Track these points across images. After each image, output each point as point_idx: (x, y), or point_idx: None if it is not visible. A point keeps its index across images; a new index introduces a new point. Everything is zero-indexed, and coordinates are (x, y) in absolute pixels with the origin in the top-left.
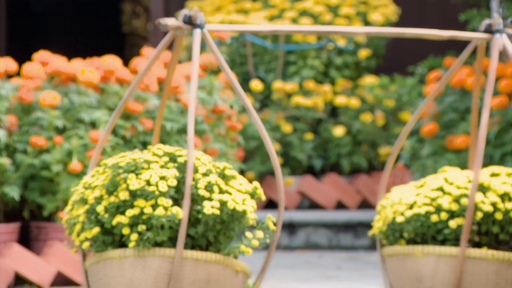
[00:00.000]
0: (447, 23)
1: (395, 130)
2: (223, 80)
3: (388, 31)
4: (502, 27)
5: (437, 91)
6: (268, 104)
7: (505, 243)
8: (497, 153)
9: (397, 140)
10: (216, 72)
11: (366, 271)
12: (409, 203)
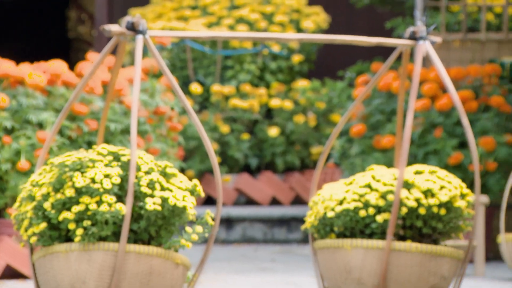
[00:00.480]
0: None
1: (326, 130)
2: (164, 84)
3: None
4: (425, 34)
5: (365, 94)
6: (207, 106)
7: (428, 236)
8: (420, 152)
9: (328, 140)
10: (157, 76)
11: (299, 263)
12: (339, 199)
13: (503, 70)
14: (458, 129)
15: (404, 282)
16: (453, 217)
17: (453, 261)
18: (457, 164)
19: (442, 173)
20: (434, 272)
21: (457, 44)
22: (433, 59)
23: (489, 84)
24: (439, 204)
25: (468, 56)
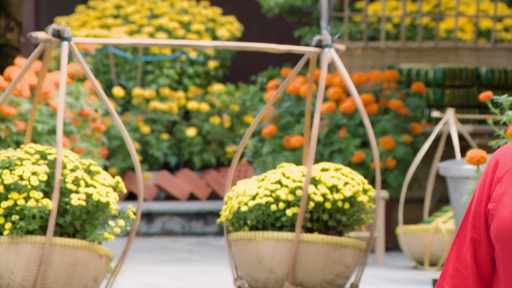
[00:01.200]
0: (283, 39)
1: (239, 131)
2: (88, 87)
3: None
4: (331, 43)
5: (275, 97)
6: (128, 108)
7: (333, 228)
8: (326, 151)
9: (242, 140)
10: (82, 80)
11: (215, 254)
12: (252, 195)
13: (401, 76)
14: (360, 130)
15: (311, 270)
16: (356, 210)
17: (356, 251)
18: (360, 162)
19: (346, 170)
20: (339, 261)
21: (359, 51)
22: (338, 65)
23: (388, 88)
24: (343, 198)
25: (369, 63)
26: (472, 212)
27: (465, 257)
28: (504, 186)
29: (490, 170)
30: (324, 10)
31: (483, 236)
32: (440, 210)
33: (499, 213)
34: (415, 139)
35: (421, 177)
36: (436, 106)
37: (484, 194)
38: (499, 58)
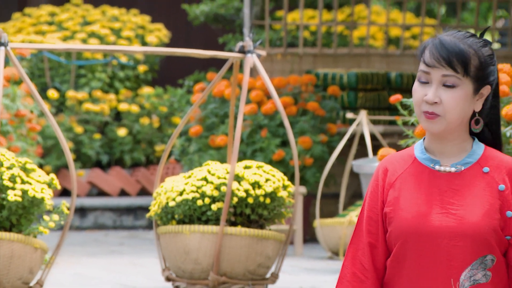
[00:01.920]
0: (209, 45)
1: (168, 131)
2: (24, 89)
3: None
4: (253, 49)
5: (201, 99)
6: (63, 110)
7: (255, 222)
8: (249, 149)
9: (170, 139)
10: (18, 83)
11: (144, 247)
12: (179, 191)
13: (318, 80)
14: (280, 130)
15: (234, 261)
16: (277, 205)
17: (277, 243)
18: (280, 160)
19: (267, 168)
20: (260, 252)
21: (279, 57)
22: (259, 69)
23: (306, 91)
24: (265, 194)
25: (289, 68)
26: (365, 218)
27: (361, 261)
28: (398, 191)
29: (380, 177)
30: (246, 18)
31: (380, 240)
32: (353, 205)
33: (397, 215)
34: (331, 139)
35: (336, 174)
36: (350, 108)
37: (377, 201)
38: (408, 64)
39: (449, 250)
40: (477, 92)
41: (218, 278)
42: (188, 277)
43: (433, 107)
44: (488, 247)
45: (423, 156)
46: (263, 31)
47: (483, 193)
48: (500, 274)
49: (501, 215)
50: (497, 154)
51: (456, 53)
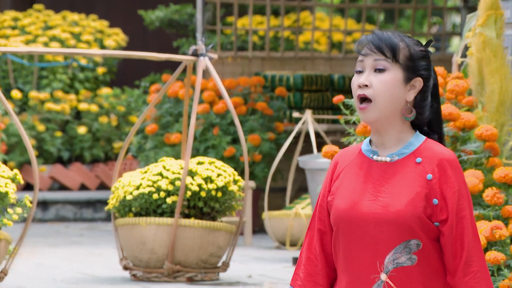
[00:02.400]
0: (164, 48)
1: (125, 129)
2: None
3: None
4: (205, 52)
5: (156, 99)
6: (26, 109)
7: (207, 214)
8: (202, 146)
9: (127, 137)
10: None
11: (103, 238)
12: (136, 185)
13: (266, 81)
14: (231, 128)
15: (188, 251)
16: (228, 198)
17: (228, 233)
18: (231, 156)
19: (219, 164)
20: (212, 243)
21: (230, 60)
22: (211, 71)
23: (255, 92)
24: (217, 188)
25: (239, 70)
26: (318, 206)
27: (315, 246)
28: (340, 180)
29: (331, 169)
30: (199, 23)
31: (328, 226)
32: (299, 198)
33: (335, 203)
34: (278, 136)
35: (283, 169)
36: (296, 108)
37: (326, 190)
38: (349, 67)
39: (375, 235)
40: (408, 82)
41: (172, 267)
42: (145, 266)
43: (364, 90)
44: (412, 233)
45: (366, 148)
46: (215, 36)
47: (412, 182)
48: (430, 258)
49: (427, 203)
50: (435, 146)
51: (385, 40)
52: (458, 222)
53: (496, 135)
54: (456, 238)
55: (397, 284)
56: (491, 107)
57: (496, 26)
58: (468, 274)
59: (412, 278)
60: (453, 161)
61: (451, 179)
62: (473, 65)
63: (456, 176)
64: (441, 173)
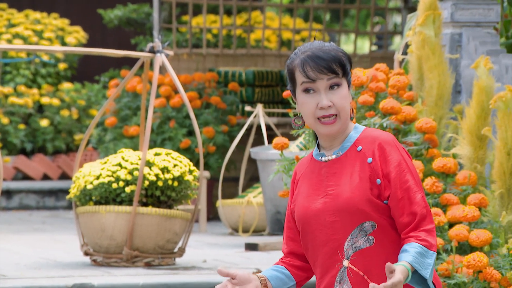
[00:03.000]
0: (122, 45)
1: (86, 122)
2: None
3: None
4: (161, 49)
5: (115, 94)
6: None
7: (164, 202)
8: (159, 138)
9: (88, 129)
10: None
11: (65, 225)
12: (96, 175)
13: (220, 77)
14: (187, 121)
15: (146, 237)
16: (183, 188)
17: (183, 221)
18: (186, 148)
19: (175, 155)
20: (169, 229)
21: (185, 56)
22: (167, 67)
23: (209, 87)
24: (173, 178)
25: (194, 66)
26: (286, 216)
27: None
28: (298, 188)
29: (292, 180)
30: (155, 22)
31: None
32: (251, 187)
33: (296, 209)
34: (231, 129)
35: (236, 160)
36: (248, 102)
37: (290, 200)
38: None
39: (331, 226)
40: (350, 86)
41: (131, 252)
42: (104, 251)
43: (328, 110)
44: (364, 216)
45: (316, 153)
46: (171, 34)
47: (356, 169)
48: (387, 236)
49: (373, 184)
50: (373, 132)
51: (333, 60)
52: (404, 193)
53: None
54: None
55: (359, 267)
56: (430, 101)
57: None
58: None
59: (373, 258)
60: (390, 141)
61: (389, 157)
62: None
63: (395, 153)
64: (380, 153)
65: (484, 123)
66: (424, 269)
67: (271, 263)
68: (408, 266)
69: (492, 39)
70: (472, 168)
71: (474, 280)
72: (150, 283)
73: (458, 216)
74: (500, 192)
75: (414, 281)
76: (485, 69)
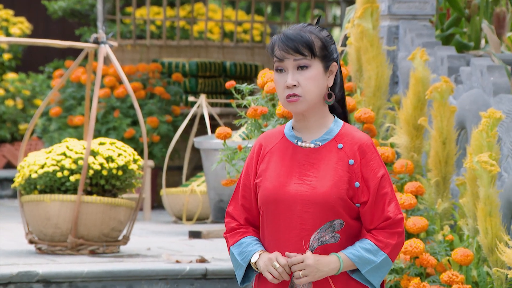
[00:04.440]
0: (66, 36)
1: (30, 112)
2: None
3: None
4: (106, 40)
5: (60, 84)
6: None
7: (109, 191)
8: (103, 128)
9: (32, 119)
10: None
11: (9, 213)
12: (41, 164)
13: (163, 68)
14: (131, 111)
15: (91, 225)
16: (128, 176)
17: (128, 209)
18: (131, 137)
19: (120, 144)
20: (113, 218)
21: (129, 47)
22: (112, 58)
23: (153, 78)
24: (117, 167)
25: (138, 57)
26: (241, 185)
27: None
28: (266, 163)
29: (255, 152)
30: (99, 13)
31: (253, 204)
32: (195, 176)
33: (263, 185)
34: (175, 119)
35: (180, 149)
36: (191, 92)
37: (251, 172)
38: (240, 55)
39: (301, 216)
40: (327, 70)
41: (76, 240)
42: (49, 240)
43: (293, 90)
44: (336, 213)
45: (290, 133)
46: (115, 25)
47: (336, 166)
48: (352, 236)
49: (350, 186)
50: (353, 131)
51: (300, 41)
52: (380, 199)
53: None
54: (377, 210)
55: None
56: (369, 92)
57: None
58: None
59: None
60: (371, 145)
61: (371, 162)
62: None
63: (375, 159)
64: (362, 157)
65: (421, 113)
66: (364, 264)
67: (214, 250)
68: (342, 256)
69: (428, 32)
70: (409, 157)
71: (411, 265)
72: (95, 270)
73: None
74: (436, 180)
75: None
76: (421, 60)
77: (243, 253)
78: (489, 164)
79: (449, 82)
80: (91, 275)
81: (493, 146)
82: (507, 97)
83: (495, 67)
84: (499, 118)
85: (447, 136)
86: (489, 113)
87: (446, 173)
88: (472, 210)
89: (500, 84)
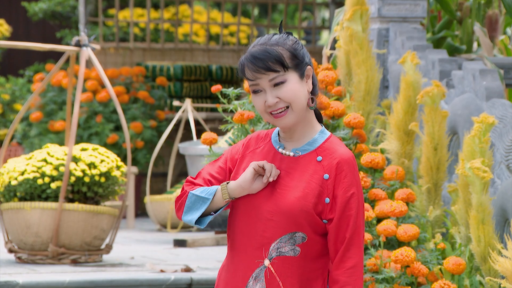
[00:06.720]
0: (47, 39)
1: (10, 117)
2: None
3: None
4: (88, 43)
5: (41, 88)
6: None
7: (91, 198)
8: (85, 133)
9: (12, 124)
10: None
11: None
12: (21, 171)
13: (147, 71)
14: (114, 116)
15: (72, 234)
16: (111, 183)
17: (111, 217)
18: (114, 143)
19: (102, 150)
20: (96, 226)
21: (112, 50)
22: (94, 61)
23: (137, 81)
24: (100, 174)
25: (121, 60)
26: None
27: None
28: (245, 163)
29: (244, 145)
30: (81, 15)
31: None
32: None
33: None
34: (159, 124)
35: (164, 155)
36: (176, 97)
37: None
38: (226, 58)
39: (265, 223)
40: (303, 76)
41: (57, 249)
42: (30, 248)
43: (276, 105)
44: (298, 226)
45: (275, 138)
46: (97, 27)
47: (310, 179)
48: (312, 252)
49: (319, 200)
50: (336, 145)
51: (269, 58)
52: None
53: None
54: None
55: (277, 271)
56: (358, 96)
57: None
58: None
59: (292, 268)
60: (351, 163)
61: (345, 179)
62: (341, 57)
63: (350, 178)
64: (337, 173)
65: (412, 118)
66: None
67: (200, 259)
68: None
69: (418, 35)
70: (400, 163)
71: (402, 275)
72: (77, 280)
73: (386, 211)
74: (427, 187)
75: None
76: (412, 64)
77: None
78: (482, 170)
79: (440, 86)
80: (73, 285)
81: (486, 152)
82: (500, 101)
83: (487, 71)
84: (491, 123)
85: (438, 141)
86: (482, 118)
87: (437, 180)
88: (465, 217)
89: (493, 89)
